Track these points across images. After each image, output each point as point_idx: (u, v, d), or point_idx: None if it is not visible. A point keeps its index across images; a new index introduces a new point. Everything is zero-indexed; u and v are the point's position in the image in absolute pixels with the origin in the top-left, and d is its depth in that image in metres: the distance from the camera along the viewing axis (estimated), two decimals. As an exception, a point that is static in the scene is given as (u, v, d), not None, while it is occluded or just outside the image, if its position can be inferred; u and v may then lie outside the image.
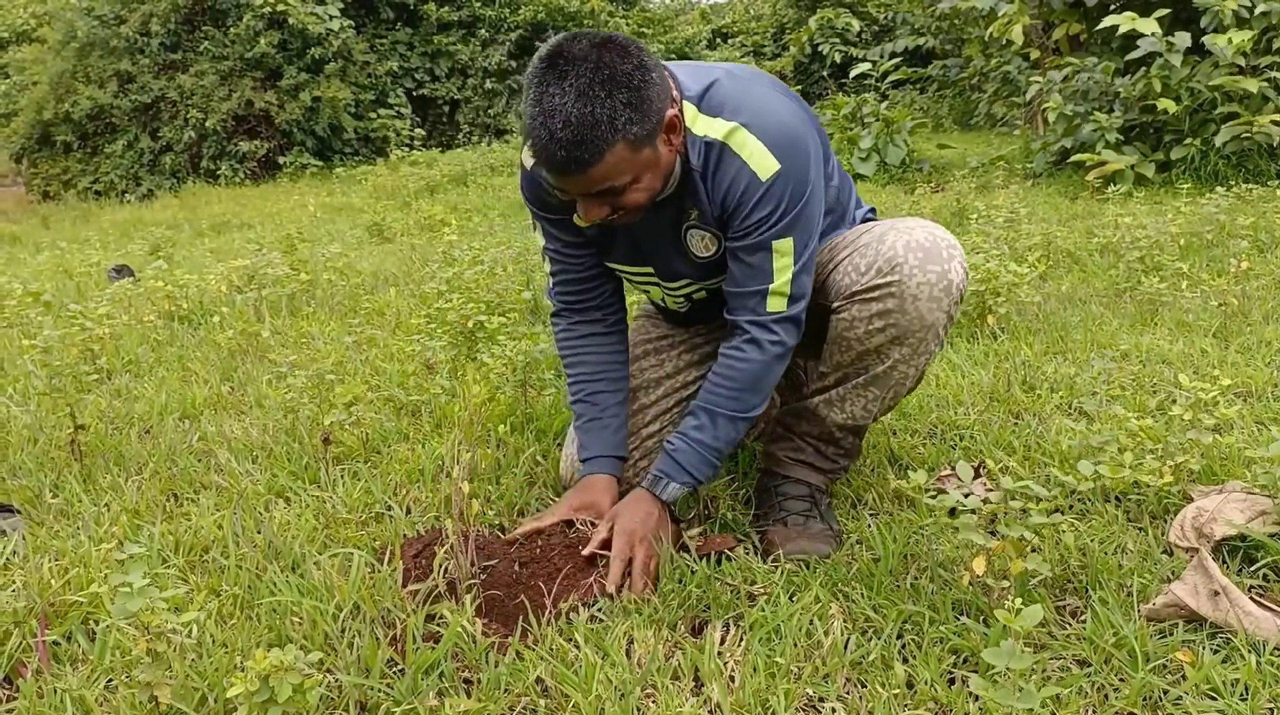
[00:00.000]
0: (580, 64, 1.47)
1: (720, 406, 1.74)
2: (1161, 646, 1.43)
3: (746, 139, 1.61)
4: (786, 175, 1.61)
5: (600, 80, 1.46)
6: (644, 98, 1.50)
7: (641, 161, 1.54)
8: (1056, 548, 1.70)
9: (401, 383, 2.76)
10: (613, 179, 1.54)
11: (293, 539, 1.85)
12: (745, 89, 1.66)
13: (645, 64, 1.51)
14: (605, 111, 1.46)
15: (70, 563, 1.80)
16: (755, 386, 1.74)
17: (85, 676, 1.48)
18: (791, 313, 1.71)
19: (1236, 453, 2.00)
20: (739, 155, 1.61)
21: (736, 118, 1.62)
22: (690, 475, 1.75)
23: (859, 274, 1.71)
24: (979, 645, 1.44)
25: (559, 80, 1.47)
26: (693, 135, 1.64)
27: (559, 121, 1.46)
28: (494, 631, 1.54)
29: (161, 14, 12.31)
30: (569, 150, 1.47)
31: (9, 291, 4.31)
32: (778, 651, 1.48)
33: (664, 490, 1.75)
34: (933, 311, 1.69)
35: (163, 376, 3.12)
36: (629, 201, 1.59)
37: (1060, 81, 6.86)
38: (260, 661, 1.21)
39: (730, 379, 1.73)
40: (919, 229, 1.70)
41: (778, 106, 1.65)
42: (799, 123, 1.65)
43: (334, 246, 5.46)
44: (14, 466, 2.35)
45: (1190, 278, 3.56)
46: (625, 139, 1.49)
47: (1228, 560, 1.65)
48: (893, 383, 1.78)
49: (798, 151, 1.62)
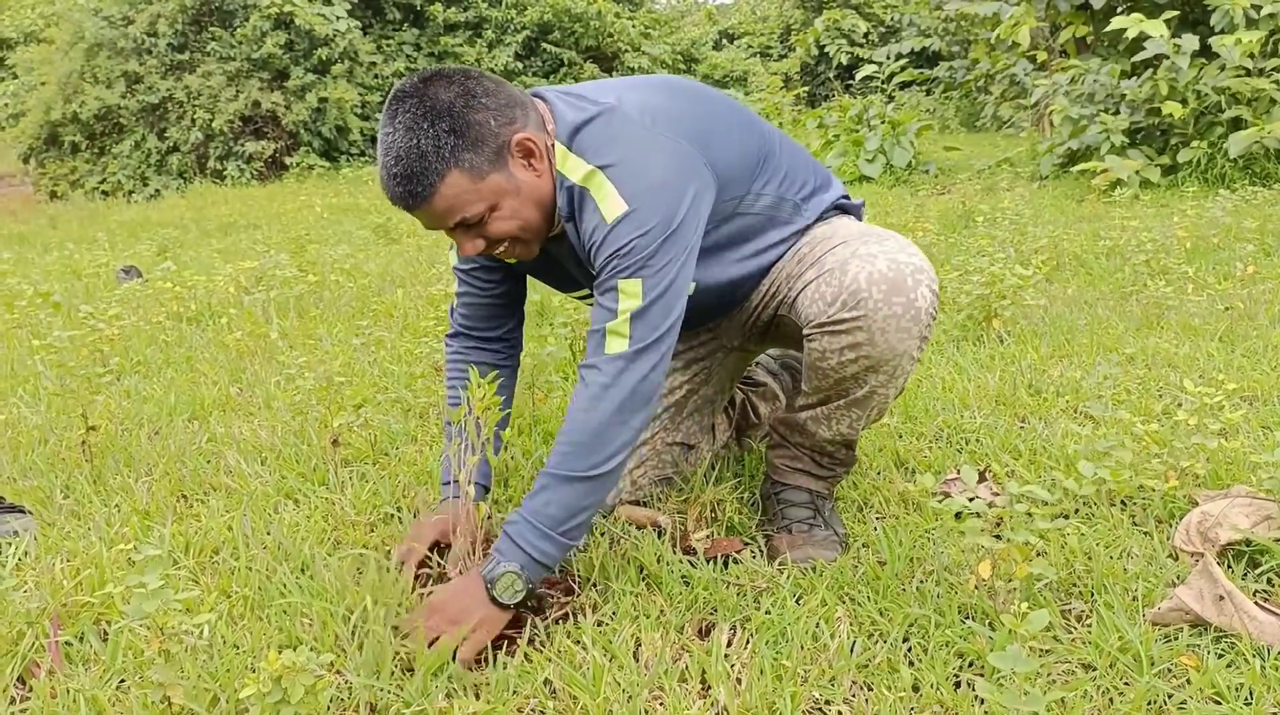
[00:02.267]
0: (408, 99, 1.50)
1: (555, 467, 1.55)
2: (1166, 651, 1.43)
3: (603, 183, 1.56)
4: (636, 217, 1.54)
5: (423, 112, 1.49)
6: (470, 122, 1.50)
7: (489, 189, 1.53)
8: (1062, 552, 1.71)
9: (409, 385, 2.77)
10: (462, 210, 1.53)
11: (302, 541, 1.87)
12: (617, 128, 1.59)
13: (471, 90, 1.51)
14: (429, 142, 1.48)
15: (82, 563, 1.82)
16: (593, 442, 1.54)
17: (98, 677, 1.49)
18: (629, 353, 1.55)
19: (1242, 457, 2.00)
20: (594, 199, 1.57)
21: (597, 160, 1.57)
22: (521, 551, 1.53)
23: (825, 304, 1.67)
24: (985, 649, 1.45)
25: (390, 119, 1.51)
26: (562, 177, 1.60)
27: (391, 158, 1.50)
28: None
29: (169, 15, 12.34)
30: (405, 185, 1.50)
31: (19, 292, 4.33)
32: (784, 654, 1.49)
33: (490, 569, 1.53)
34: (904, 340, 1.65)
35: (171, 377, 3.14)
36: (496, 231, 1.58)
37: (1066, 84, 6.86)
38: (273, 662, 1.23)
39: (565, 435, 1.56)
40: (882, 257, 1.64)
41: (646, 148, 1.58)
42: (668, 166, 1.58)
43: (341, 248, 5.48)
44: (25, 467, 2.37)
45: (1196, 281, 3.56)
46: (458, 166, 1.50)
47: (1232, 565, 1.66)
48: (874, 403, 1.76)
49: (655, 195, 1.55)
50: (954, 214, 5.40)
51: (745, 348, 2.05)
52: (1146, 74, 6.24)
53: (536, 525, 1.54)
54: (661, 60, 15.04)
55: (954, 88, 11.76)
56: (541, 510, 1.55)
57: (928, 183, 7.36)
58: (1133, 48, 6.48)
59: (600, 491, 1.57)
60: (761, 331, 1.94)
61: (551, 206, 1.62)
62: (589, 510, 1.58)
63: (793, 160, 1.84)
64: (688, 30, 17.23)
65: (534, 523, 1.54)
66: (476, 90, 1.52)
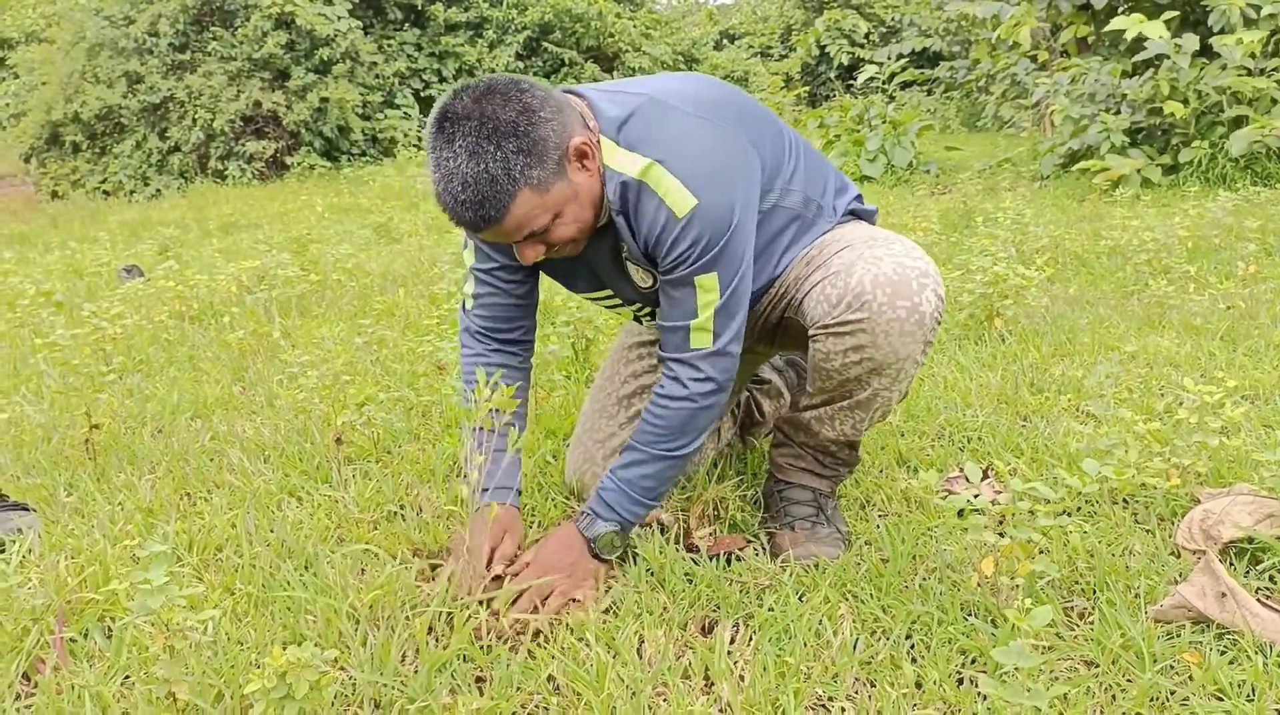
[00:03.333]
0: (465, 122, 1.47)
1: (648, 446, 1.69)
2: (1169, 647, 1.44)
3: (663, 175, 1.56)
4: (705, 210, 1.55)
5: (486, 134, 1.46)
6: (535, 139, 1.49)
7: (555, 200, 1.54)
8: (1064, 549, 1.71)
9: (412, 383, 2.77)
10: (531, 224, 1.54)
11: (305, 538, 1.87)
12: (665, 118, 1.60)
13: (530, 105, 1.49)
14: (499, 165, 1.46)
15: (86, 561, 1.82)
16: (683, 428, 1.68)
17: (103, 673, 1.50)
18: (717, 347, 1.64)
19: (1244, 455, 2.01)
20: (656, 193, 1.57)
21: (652, 152, 1.57)
22: (617, 515, 1.70)
23: (830, 306, 1.66)
24: (987, 646, 1.45)
25: (449, 143, 1.48)
26: (610, 170, 1.59)
27: (458, 184, 1.48)
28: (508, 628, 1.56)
29: (170, 14, 12.35)
30: (475, 210, 1.49)
31: (21, 291, 4.34)
32: (787, 651, 1.49)
33: (588, 527, 1.71)
34: (907, 344, 1.64)
35: (174, 376, 3.14)
36: (559, 237, 1.58)
37: (1067, 83, 6.86)
38: (278, 658, 1.23)
39: (658, 418, 1.69)
40: (887, 260, 1.64)
41: (699, 136, 1.60)
42: (720, 151, 1.60)
43: (343, 247, 5.49)
44: (29, 465, 2.37)
45: (1198, 280, 3.56)
46: (528, 185, 1.49)
47: (1234, 562, 1.66)
48: (878, 405, 1.76)
49: (718, 184, 1.57)
50: (955, 213, 5.40)
51: (753, 350, 2.05)
52: (1148, 74, 6.25)
53: (631, 493, 1.71)
54: (662, 61, 15.04)
55: (955, 88, 11.78)
56: (636, 481, 1.71)
57: (929, 182, 7.36)
58: (1134, 48, 6.48)
59: (687, 463, 1.75)
60: (770, 333, 1.94)
61: (601, 201, 1.63)
62: (675, 478, 1.76)
63: (813, 160, 1.86)
64: (688, 30, 17.23)
65: (628, 491, 1.71)
66: (533, 104, 1.50)
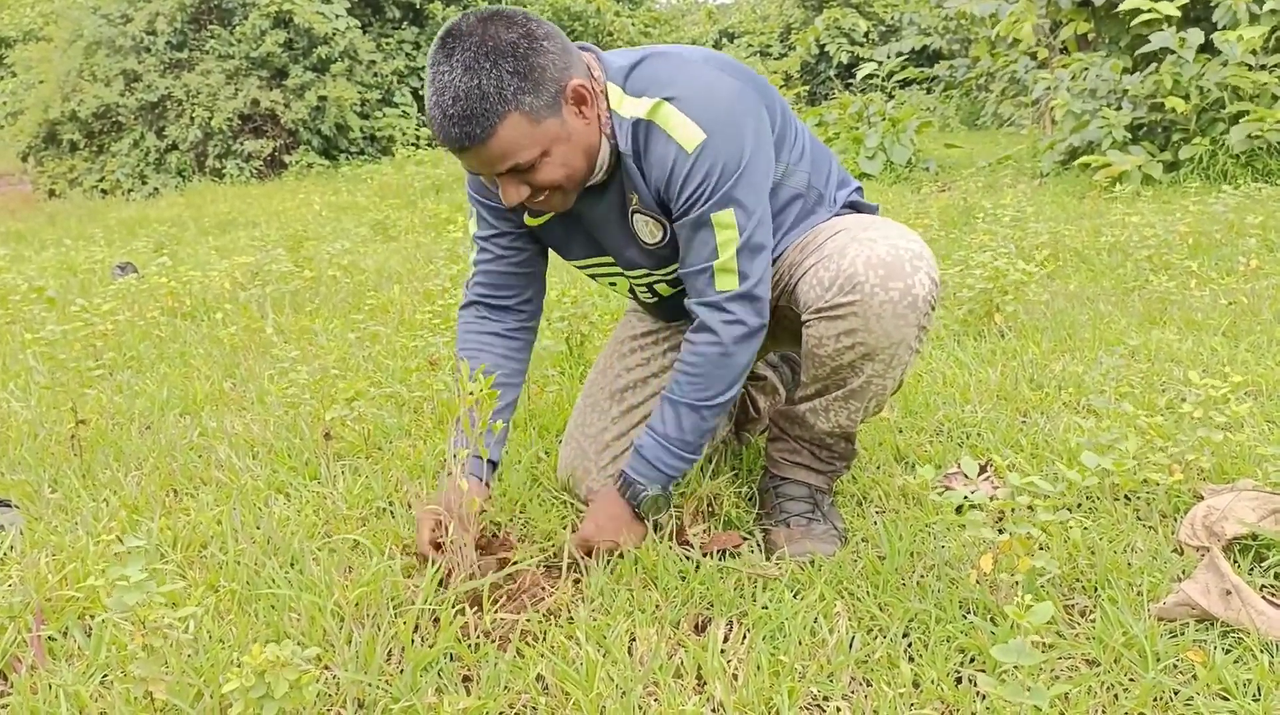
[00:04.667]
0: (466, 39, 1.46)
1: (682, 396, 1.68)
2: (1172, 646, 1.40)
3: (671, 113, 1.55)
4: (715, 145, 1.54)
5: (485, 52, 1.45)
6: (533, 65, 1.47)
7: (545, 134, 1.51)
8: (1065, 545, 1.68)
9: (404, 379, 2.74)
10: (516, 154, 1.50)
11: (292, 535, 1.84)
12: (673, 64, 1.61)
13: (534, 33, 1.48)
14: (492, 82, 1.44)
15: (67, 557, 1.79)
16: (716, 373, 1.66)
17: (81, 672, 1.46)
18: (744, 289, 1.62)
19: (1247, 451, 1.97)
20: (664, 130, 1.56)
21: (661, 93, 1.57)
22: (658, 470, 1.70)
23: (823, 289, 1.64)
24: (986, 644, 1.42)
25: (447, 58, 1.46)
26: (620, 118, 1.59)
27: (449, 98, 1.46)
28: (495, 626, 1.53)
29: (168, 13, 12.31)
30: (461, 126, 1.46)
31: (13, 288, 4.30)
32: (782, 650, 1.46)
33: (630, 489, 1.72)
34: (900, 328, 1.62)
35: (165, 372, 3.10)
36: (544, 178, 1.55)
37: (1068, 79, 6.83)
38: (256, 656, 1.19)
39: (691, 366, 1.67)
40: (881, 242, 1.62)
41: (707, 78, 1.60)
42: (730, 93, 1.59)
43: (339, 244, 5.45)
44: (13, 461, 2.34)
45: (1199, 276, 3.53)
46: (519, 109, 1.47)
47: (1238, 559, 1.63)
48: (871, 393, 1.72)
49: (727, 120, 1.56)
50: (955, 210, 5.36)
51: None
52: (1149, 69, 6.21)
53: (670, 447, 1.70)
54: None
55: (954, 86, 11.74)
56: (673, 434, 1.69)
57: (928, 180, 7.32)
58: (1135, 43, 6.45)
59: (723, 413, 1.72)
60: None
61: (596, 155, 1.60)
62: (712, 431, 1.73)
63: (818, 148, 1.84)
64: (688, 29, 17.20)
65: (666, 445, 1.70)
66: (538, 33, 1.49)
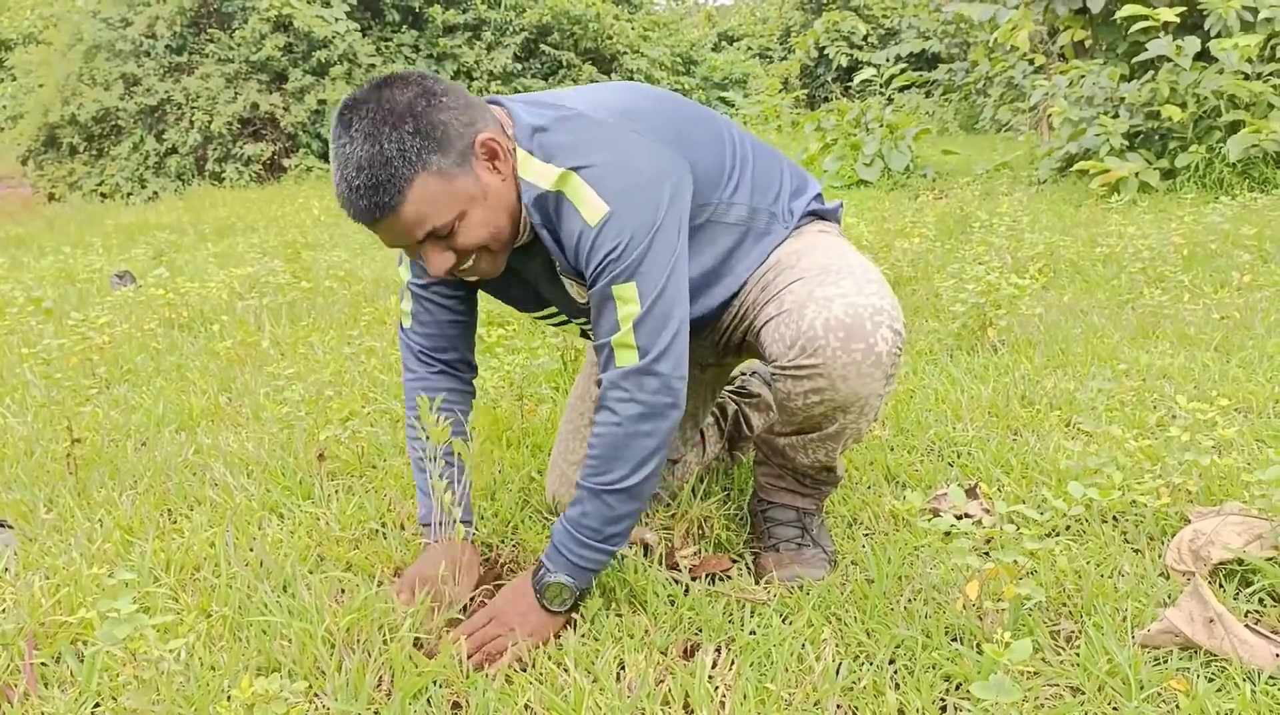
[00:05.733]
0: (362, 106, 1.42)
1: (585, 480, 1.58)
2: (1156, 674, 1.41)
3: (579, 185, 1.50)
4: (619, 218, 1.48)
5: (383, 117, 1.41)
6: (434, 122, 1.43)
7: (459, 193, 1.46)
8: (1051, 571, 1.69)
9: (399, 395, 2.75)
10: (431, 218, 1.46)
11: (285, 558, 1.85)
12: (582, 127, 1.55)
13: (431, 89, 1.45)
14: (394, 146, 1.40)
15: (61, 581, 1.80)
16: (617, 456, 1.54)
17: (73, 699, 1.47)
18: (642, 364, 1.52)
19: (1234, 474, 1.98)
20: (573, 203, 1.51)
21: (567, 161, 1.51)
22: (565, 558, 1.58)
23: (785, 347, 1.60)
24: (972, 672, 1.43)
25: (345, 130, 1.43)
26: (525, 183, 1.53)
27: (352, 169, 1.41)
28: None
29: (167, 17, 12.33)
30: (369, 197, 1.42)
31: (10, 299, 4.31)
32: (769, 677, 1.47)
33: (539, 580, 1.60)
34: (867, 384, 1.59)
35: (161, 386, 3.11)
36: (466, 242, 1.50)
37: (1065, 86, 6.84)
38: (245, 690, 1.21)
39: (592, 449, 1.57)
40: (838, 301, 1.57)
41: (617, 144, 1.54)
42: (641, 159, 1.53)
43: (337, 252, 5.47)
44: (8, 480, 2.35)
45: (1193, 289, 3.54)
46: (426, 169, 1.43)
47: (1224, 584, 1.64)
48: (848, 436, 1.71)
49: (634, 192, 1.50)
50: (951, 219, 5.37)
51: (721, 363, 2.02)
52: (1146, 77, 6.22)
53: (577, 535, 1.58)
54: (660, 62, 15.00)
55: (953, 90, 11.75)
56: (580, 521, 1.58)
57: (926, 187, 7.33)
58: (1132, 50, 6.46)
59: (635, 500, 1.58)
60: (735, 349, 1.91)
61: (518, 213, 1.56)
62: (627, 519, 1.59)
63: (762, 163, 1.78)
64: (687, 32, 17.18)
65: (574, 533, 1.58)
66: (435, 89, 1.46)
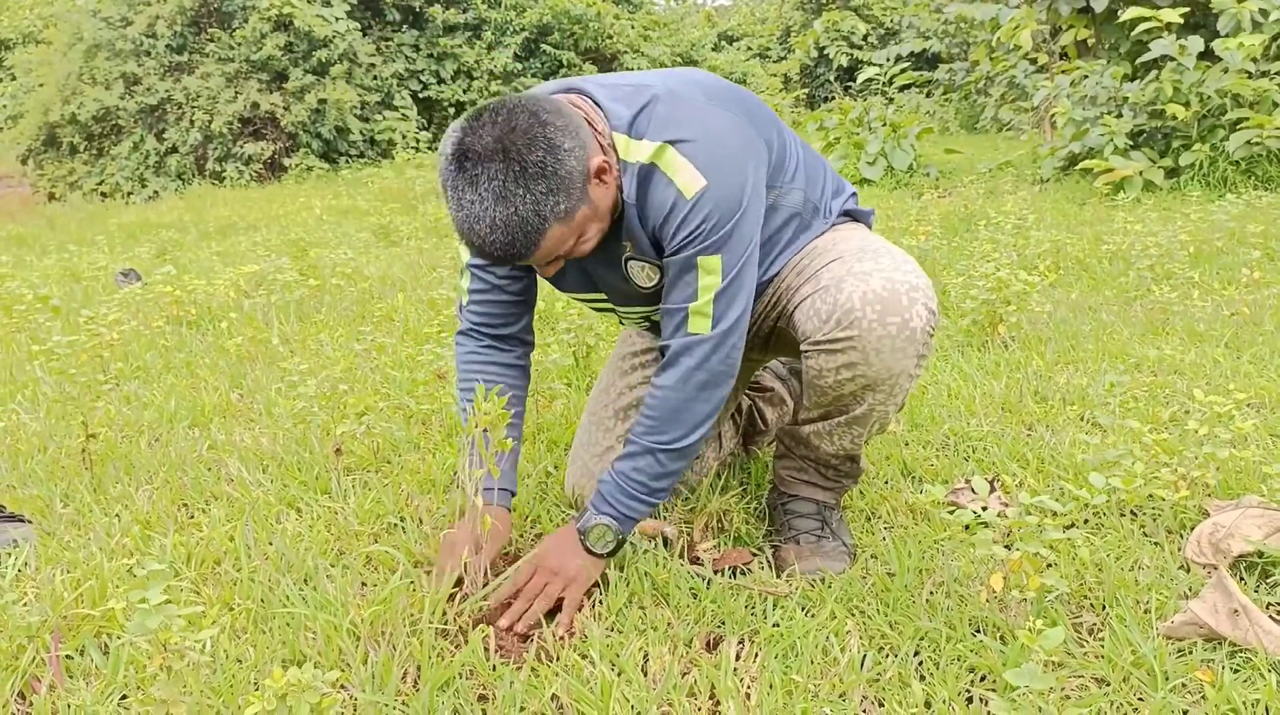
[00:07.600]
0: (488, 163, 1.42)
1: (640, 436, 1.66)
2: (1181, 665, 1.42)
3: (674, 157, 1.55)
4: (714, 192, 1.54)
5: (513, 177, 1.42)
6: (562, 176, 1.45)
7: (579, 224, 1.52)
8: (1073, 563, 1.69)
9: (411, 391, 2.75)
10: (557, 252, 1.53)
11: (305, 551, 1.85)
12: (676, 104, 1.59)
13: (554, 142, 1.45)
14: (529, 207, 1.44)
15: (83, 575, 1.79)
16: (675, 418, 1.64)
17: (99, 692, 1.47)
18: (714, 334, 1.60)
19: (1252, 467, 1.99)
20: (666, 174, 1.56)
21: (664, 135, 1.56)
22: (613, 507, 1.67)
23: (820, 321, 1.64)
24: (997, 664, 1.43)
25: (472, 186, 1.43)
26: (626, 163, 1.58)
27: (485, 227, 1.44)
28: (509, 647, 1.54)
29: (168, 16, 12.33)
30: (505, 250, 1.47)
31: (18, 296, 4.31)
32: (794, 669, 1.47)
33: (584, 523, 1.68)
34: (899, 360, 1.63)
35: (172, 383, 3.11)
36: (581, 252, 1.59)
37: (1069, 86, 6.85)
38: (278, 680, 1.21)
39: (650, 409, 1.65)
40: (876, 275, 1.62)
41: (712, 121, 1.59)
42: (734, 138, 1.59)
43: (342, 250, 5.47)
44: (24, 475, 2.35)
45: (1201, 286, 3.55)
46: (557, 219, 1.47)
47: (1245, 577, 1.64)
48: (874, 419, 1.74)
49: (729, 168, 1.56)
50: (956, 217, 5.38)
51: (749, 357, 2.03)
52: (1150, 76, 6.24)
53: (625, 486, 1.67)
54: (660, 62, 15.01)
55: (954, 90, 11.76)
56: (630, 475, 1.67)
57: (929, 185, 7.34)
58: (1135, 50, 6.47)
59: (684, 459, 1.68)
60: (764, 341, 1.92)
61: (619, 201, 1.61)
62: (674, 475, 1.69)
63: (811, 159, 1.83)
64: (687, 32, 17.20)
65: (622, 484, 1.67)
66: (556, 138, 1.45)
